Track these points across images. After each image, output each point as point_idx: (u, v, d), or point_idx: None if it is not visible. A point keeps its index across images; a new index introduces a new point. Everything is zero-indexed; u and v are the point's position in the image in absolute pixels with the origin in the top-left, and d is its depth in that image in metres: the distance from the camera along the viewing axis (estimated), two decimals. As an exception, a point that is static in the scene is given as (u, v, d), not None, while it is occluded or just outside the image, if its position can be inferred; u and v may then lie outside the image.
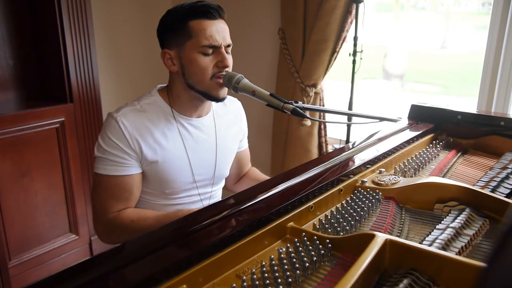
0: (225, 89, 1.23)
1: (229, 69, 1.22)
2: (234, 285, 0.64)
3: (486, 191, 0.90)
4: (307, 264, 0.68)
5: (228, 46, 1.21)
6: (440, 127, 1.40)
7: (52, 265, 2.41)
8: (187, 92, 1.23)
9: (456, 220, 0.81)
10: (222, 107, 1.39)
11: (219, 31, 1.17)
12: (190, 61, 1.18)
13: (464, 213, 0.84)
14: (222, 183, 1.46)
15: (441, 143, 1.32)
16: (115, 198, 1.19)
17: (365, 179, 1.02)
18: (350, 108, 2.40)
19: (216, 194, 1.42)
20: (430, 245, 0.72)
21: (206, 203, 1.37)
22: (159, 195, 1.27)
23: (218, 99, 1.23)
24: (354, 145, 1.19)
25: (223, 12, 1.20)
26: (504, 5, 2.03)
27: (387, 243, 0.67)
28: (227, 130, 1.38)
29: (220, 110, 1.38)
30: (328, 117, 2.69)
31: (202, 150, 1.30)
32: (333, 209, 0.90)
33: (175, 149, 1.24)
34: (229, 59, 1.20)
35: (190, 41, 1.16)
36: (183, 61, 1.19)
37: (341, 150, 1.15)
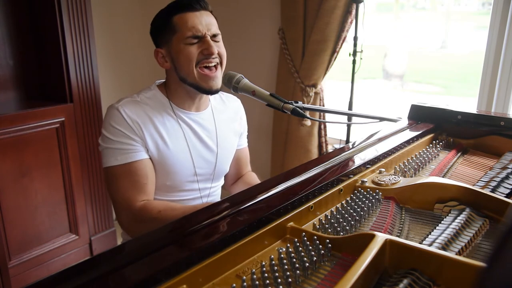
0: (217, 81, 1.23)
1: (221, 58, 1.23)
2: (234, 285, 0.64)
3: (486, 191, 0.90)
4: (307, 264, 0.68)
5: (215, 35, 1.22)
6: (440, 127, 1.40)
7: (52, 265, 2.41)
8: (182, 86, 1.26)
9: (456, 220, 0.81)
10: (221, 103, 1.40)
11: (202, 22, 1.19)
12: (178, 53, 1.20)
13: (464, 213, 0.84)
14: (222, 181, 1.46)
15: (441, 143, 1.32)
16: (134, 186, 1.19)
17: (365, 179, 1.01)
18: (350, 108, 2.40)
19: (215, 192, 1.43)
20: (430, 245, 0.72)
21: (205, 200, 1.38)
22: (160, 188, 1.28)
23: (211, 91, 1.24)
24: (354, 145, 1.19)
25: (206, 3, 1.22)
26: (504, 5, 2.03)
27: (387, 243, 0.67)
28: (227, 126, 1.40)
29: (219, 106, 1.39)
30: (328, 117, 2.69)
31: (203, 144, 1.32)
32: (333, 209, 0.90)
33: (176, 141, 1.26)
34: (217, 47, 1.21)
35: (175, 36, 1.19)
36: (173, 55, 1.22)
37: (341, 150, 1.15)
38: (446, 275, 0.63)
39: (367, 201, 0.91)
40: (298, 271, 0.67)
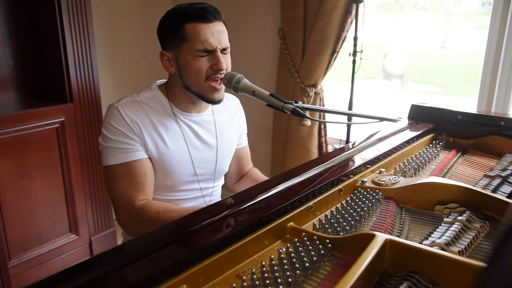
0: (221, 92, 1.24)
1: (226, 72, 1.22)
2: (234, 285, 0.64)
3: (487, 192, 0.90)
4: (307, 264, 0.68)
5: (224, 49, 1.21)
6: (440, 127, 1.40)
7: (52, 265, 2.41)
8: (185, 92, 1.25)
9: (456, 223, 0.81)
10: (220, 104, 1.40)
11: (215, 34, 1.18)
12: (186, 64, 1.19)
13: (464, 215, 0.84)
14: (222, 180, 1.47)
15: (441, 143, 1.32)
16: (133, 186, 1.19)
17: (365, 179, 1.02)
18: (350, 108, 2.40)
19: (216, 191, 1.44)
20: (430, 246, 0.72)
21: (207, 199, 1.38)
22: (160, 187, 1.28)
23: (214, 102, 1.24)
24: (354, 145, 1.19)
25: (219, 14, 1.21)
26: (504, 5, 2.03)
27: (387, 243, 0.67)
28: (227, 126, 1.40)
29: (218, 106, 1.39)
30: (328, 117, 2.69)
31: (203, 145, 1.32)
32: (333, 209, 0.90)
33: (175, 141, 1.26)
34: (225, 62, 1.20)
35: (185, 45, 1.18)
36: (180, 63, 1.21)
37: (341, 150, 1.15)
38: (446, 275, 0.63)
39: (367, 201, 0.91)
40: (298, 271, 0.67)
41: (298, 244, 0.75)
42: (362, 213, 0.88)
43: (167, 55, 1.23)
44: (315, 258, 0.70)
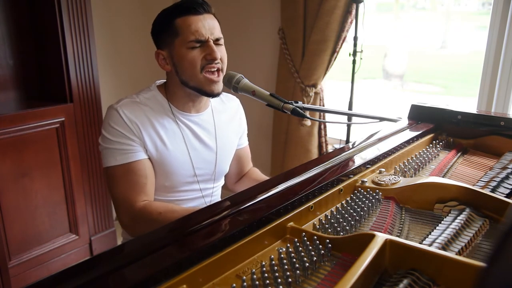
0: (219, 85, 1.24)
1: (222, 63, 1.22)
2: (234, 285, 0.64)
3: (486, 191, 0.90)
4: (307, 264, 0.68)
5: (217, 40, 1.21)
6: (440, 127, 1.40)
7: (52, 265, 2.42)
8: (183, 89, 1.25)
9: (456, 220, 0.81)
10: (220, 104, 1.40)
11: (205, 25, 1.18)
12: (180, 57, 1.20)
13: (464, 213, 0.84)
14: (222, 181, 1.47)
15: (441, 143, 1.32)
16: (134, 187, 1.19)
17: (365, 179, 1.01)
18: (350, 108, 2.40)
19: (216, 192, 1.43)
20: (430, 245, 0.72)
21: (207, 200, 1.38)
22: (159, 188, 1.28)
23: (213, 95, 1.24)
24: (354, 145, 1.19)
25: (209, 6, 1.21)
26: (504, 5, 2.03)
27: (387, 243, 0.67)
28: (226, 126, 1.40)
29: (218, 106, 1.39)
30: (328, 117, 2.69)
31: (202, 145, 1.32)
32: (333, 209, 0.90)
33: (175, 142, 1.26)
34: (219, 52, 1.21)
35: (178, 39, 1.19)
36: (174, 59, 1.21)
37: (341, 150, 1.15)
38: (446, 275, 0.63)
39: (367, 201, 0.91)
40: (298, 271, 0.67)
41: (298, 244, 0.75)
42: (362, 213, 0.88)
43: (162, 53, 1.24)
44: (315, 258, 0.70)
